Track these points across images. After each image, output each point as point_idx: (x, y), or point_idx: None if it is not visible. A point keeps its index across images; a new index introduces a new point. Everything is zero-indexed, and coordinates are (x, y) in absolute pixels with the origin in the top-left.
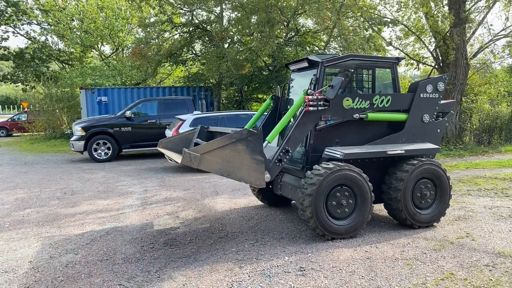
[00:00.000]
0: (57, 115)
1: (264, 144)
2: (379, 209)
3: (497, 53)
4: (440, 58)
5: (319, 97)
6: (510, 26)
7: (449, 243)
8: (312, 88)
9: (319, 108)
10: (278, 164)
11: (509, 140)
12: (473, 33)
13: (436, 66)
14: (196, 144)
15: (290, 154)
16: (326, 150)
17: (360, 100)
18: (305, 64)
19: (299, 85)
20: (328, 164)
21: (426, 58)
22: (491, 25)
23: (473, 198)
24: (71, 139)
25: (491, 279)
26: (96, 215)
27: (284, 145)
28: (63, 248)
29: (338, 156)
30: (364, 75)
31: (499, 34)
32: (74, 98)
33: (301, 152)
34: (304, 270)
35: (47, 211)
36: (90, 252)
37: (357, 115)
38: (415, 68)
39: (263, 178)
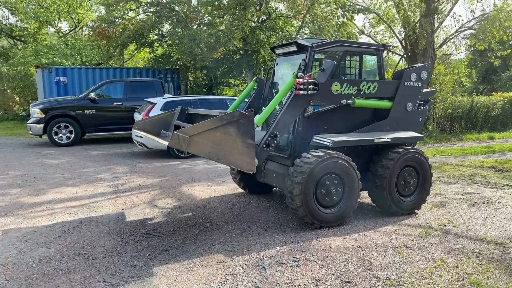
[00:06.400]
0: (9, 95)
1: None
2: (361, 196)
3: (460, 45)
4: (409, 47)
5: (309, 80)
6: (472, 19)
7: (433, 230)
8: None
9: (309, 92)
10: (266, 149)
11: (469, 128)
12: (441, 23)
13: (405, 56)
14: (177, 126)
15: (278, 138)
16: (315, 137)
17: (348, 85)
18: (293, 48)
19: (285, 70)
20: (318, 152)
21: (395, 47)
22: (460, 15)
23: (444, 185)
24: (29, 121)
25: (480, 266)
26: (66, 204)
27: (272, 129)
28: (33, 241)
29: (327, 143)
30: (351, 62)
31: (464, 26)
32: (28, 78)
33: (287, 139)
34: (298, 260)
35: (9, 200)
36: (65, 246)
37: (345, 100)
38: (385, 56)
39: (254, 163)
